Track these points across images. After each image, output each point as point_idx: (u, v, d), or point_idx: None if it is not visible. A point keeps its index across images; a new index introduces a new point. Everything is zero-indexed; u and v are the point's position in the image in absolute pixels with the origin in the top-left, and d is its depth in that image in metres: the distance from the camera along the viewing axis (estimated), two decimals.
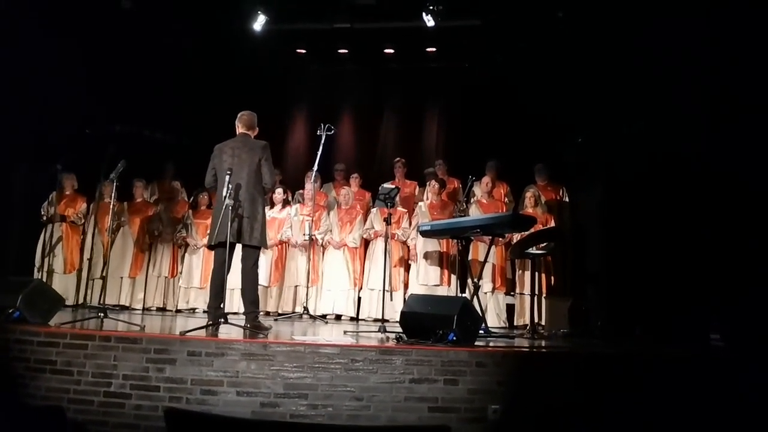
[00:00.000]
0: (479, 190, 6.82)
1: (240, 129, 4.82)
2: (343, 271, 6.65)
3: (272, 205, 7.03)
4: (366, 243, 6.81)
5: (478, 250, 6.34)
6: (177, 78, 7.72)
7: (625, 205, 6.02)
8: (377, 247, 6.63)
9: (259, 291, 6.52)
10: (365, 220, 6.83)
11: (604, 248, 6.31)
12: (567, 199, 6.90)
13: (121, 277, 6.98)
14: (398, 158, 7.47)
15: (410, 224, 6.70)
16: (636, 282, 5.67)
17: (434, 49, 8.20)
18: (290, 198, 7.36)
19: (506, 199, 7.00)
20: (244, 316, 4.74)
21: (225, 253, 4.49)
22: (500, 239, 6.21)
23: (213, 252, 4.77)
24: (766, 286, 4.61)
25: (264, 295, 6.68)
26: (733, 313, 4.82)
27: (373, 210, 6.84)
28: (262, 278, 6.62)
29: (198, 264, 6.89)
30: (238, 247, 4.69)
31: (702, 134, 5.31)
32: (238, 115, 4.87)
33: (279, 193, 7.06)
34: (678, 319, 5.11)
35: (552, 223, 6.40)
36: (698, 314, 5.02)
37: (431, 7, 7.05)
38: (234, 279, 4.90)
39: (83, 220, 6.99)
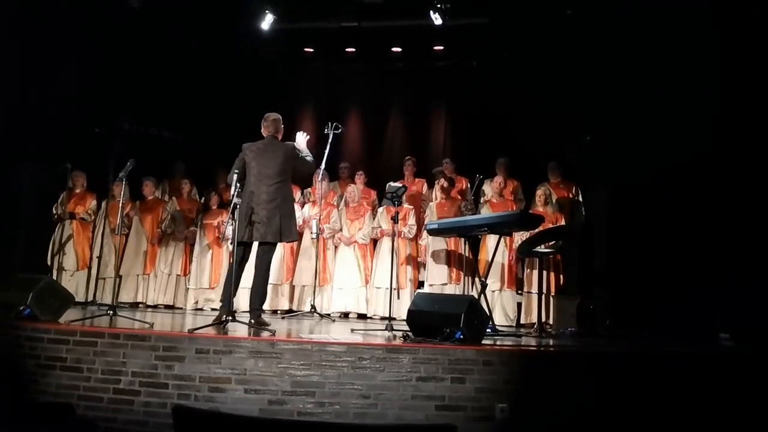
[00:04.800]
0: (489, 189, 6.79)
1: (266, 131, 4.89)
2: (354, 269, 6.66)
3: None
4: (374, 241, 6.82)
5: (486, 248, 6.32)
6: (185, 76, 7.75)
7: (631, 204, 5.99)
8: (383, 245, 6.65)
9: (270, 289, 6.62)
10: (374, 218, 6.84)
11: (611, 247, 6.28)
12: (580, 198, 6.85)
13: (138, 275, 7.04)
14: (408, 156, 7.46)
15: (416, 221, 6.70)
16: (643, 281, 5.65)
17: (441, 48, 8.18)
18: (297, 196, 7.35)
19: (513, 197, 6.95)
20: (250, 314, 4.77)
21: (248, 252, 4.59)
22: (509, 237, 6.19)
23: (231, 248, 4.84)
24: None
25: (274, 294, 6.71)
26: (741, 311, 4.80)
27: (380, 209, 6.85)
28: (273, 277, 6.65)
29: (207, 265, 6.91)
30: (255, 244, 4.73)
31: (707, 131, 5.27)
32: (264, 117, 4.95)
33: None
34: (686, 319, 5.09)
35: (562, 222, 6.37)
36: (707, 314, 4.99)
37: (439, 5, 7.04)
38: (245, 277, 4.93)
39: (93, 217, 7.03)
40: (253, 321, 4.58)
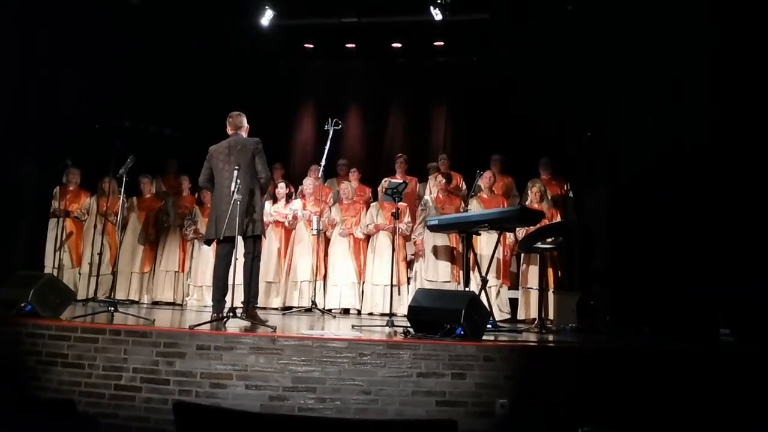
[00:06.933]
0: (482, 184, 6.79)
1: (230, 130, 4.94)
2: (349, 265, 6.65)
3: (275, 200, 7.04)
4: (367, 237, 6.80)
5: (477, 243, 6.27)
6: (184, 73, 7.74)
7: (631, 201, 5.99)
8: (378, 241, 6.63)
9: (267, 286, 6.62)
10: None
11: (611, 244, 6.28)
12: (571, 194, 6.84)
13: (134, 272, 7.05)
14: (400, 154, 7.45)
15: (412, 219, 6.70)
16: (644, 279, 5.64)
17: (442, 44, 8.17)
18: (293, 192, 7.33)
19: (504, 193, 6.93)
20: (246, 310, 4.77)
21: (229, 247, 4.64)
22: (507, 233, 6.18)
23: (217, 246, 4.86)
24: None
25: (271, 290, 6.71)
26: (741, 309, 4.80)
27: (373, 204, 6.84)
28: (269, 273, 6.65)
29: (207, 261, 6.90)
30: (240, 242, 4.75)
31: (708, 130, 5.27)
32: (228, 116, 4.98)
33: (282, 188, 7.05)
34: (686, 317, 5.09)
35: (558, 218, 6.38)
36: (707, 312, 4.99)
37: (439, 1, 7.03)
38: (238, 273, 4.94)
39: (86, 216, 7.04)
40: (245, 315, 4.58)
